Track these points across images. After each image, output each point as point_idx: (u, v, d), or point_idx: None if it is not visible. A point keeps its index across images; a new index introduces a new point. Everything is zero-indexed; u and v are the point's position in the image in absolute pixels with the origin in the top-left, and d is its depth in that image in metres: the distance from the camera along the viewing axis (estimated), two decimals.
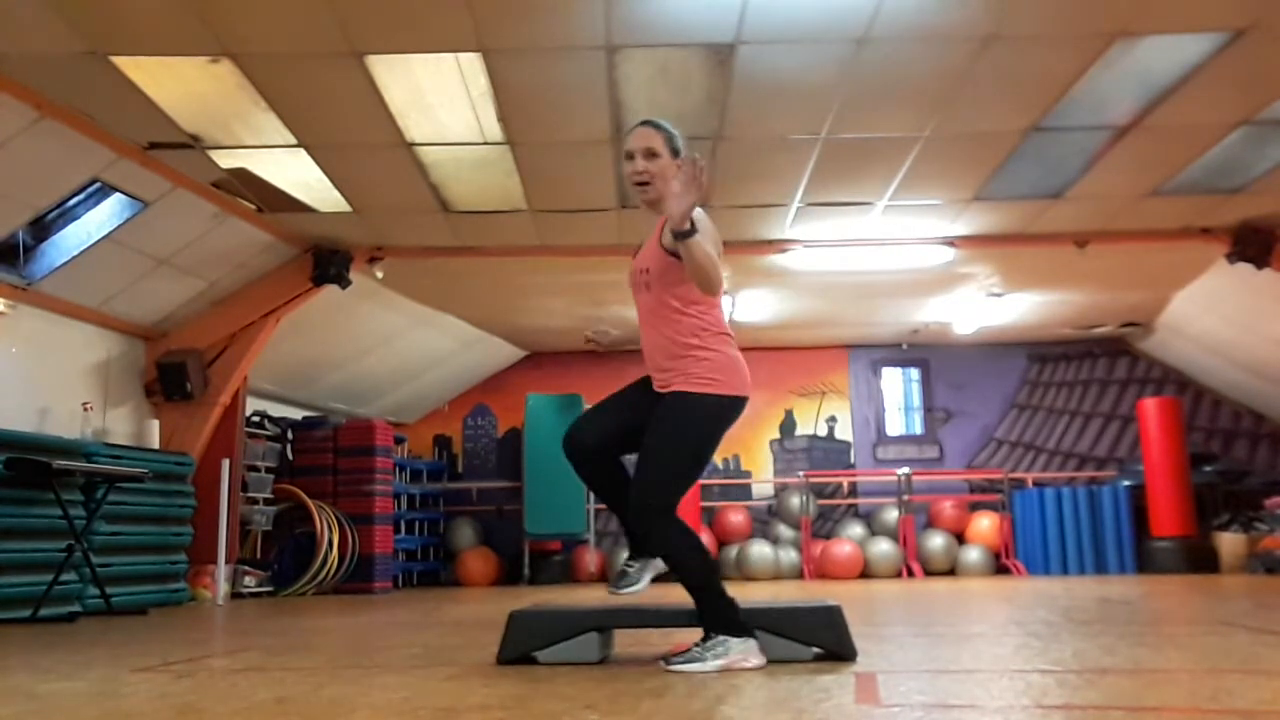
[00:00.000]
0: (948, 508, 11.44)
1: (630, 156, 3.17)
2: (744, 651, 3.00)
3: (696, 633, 3.08)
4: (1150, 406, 10.76)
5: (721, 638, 3.01)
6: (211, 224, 7.21)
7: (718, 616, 3.04)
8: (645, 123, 3.22)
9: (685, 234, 2.88)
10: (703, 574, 3.07)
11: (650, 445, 3.05)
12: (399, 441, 11.04)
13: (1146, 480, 10.66)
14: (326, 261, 8.03)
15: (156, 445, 7.75)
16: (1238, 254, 8.06)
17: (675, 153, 3.16)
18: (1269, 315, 9.13)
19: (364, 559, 9.33)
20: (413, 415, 12.16)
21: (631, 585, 3.14)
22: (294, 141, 6.25)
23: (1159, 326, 10.88)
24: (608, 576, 11.11)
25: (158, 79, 5.44)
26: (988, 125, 6.25)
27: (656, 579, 3.20)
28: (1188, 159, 6.77)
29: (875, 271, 9.01)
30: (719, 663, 2.96)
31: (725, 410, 3.08)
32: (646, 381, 3.23)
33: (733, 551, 11.19)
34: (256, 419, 9.22)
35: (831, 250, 8.48)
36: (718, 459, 11.90)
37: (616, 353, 11.62)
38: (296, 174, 6.75)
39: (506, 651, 3.17)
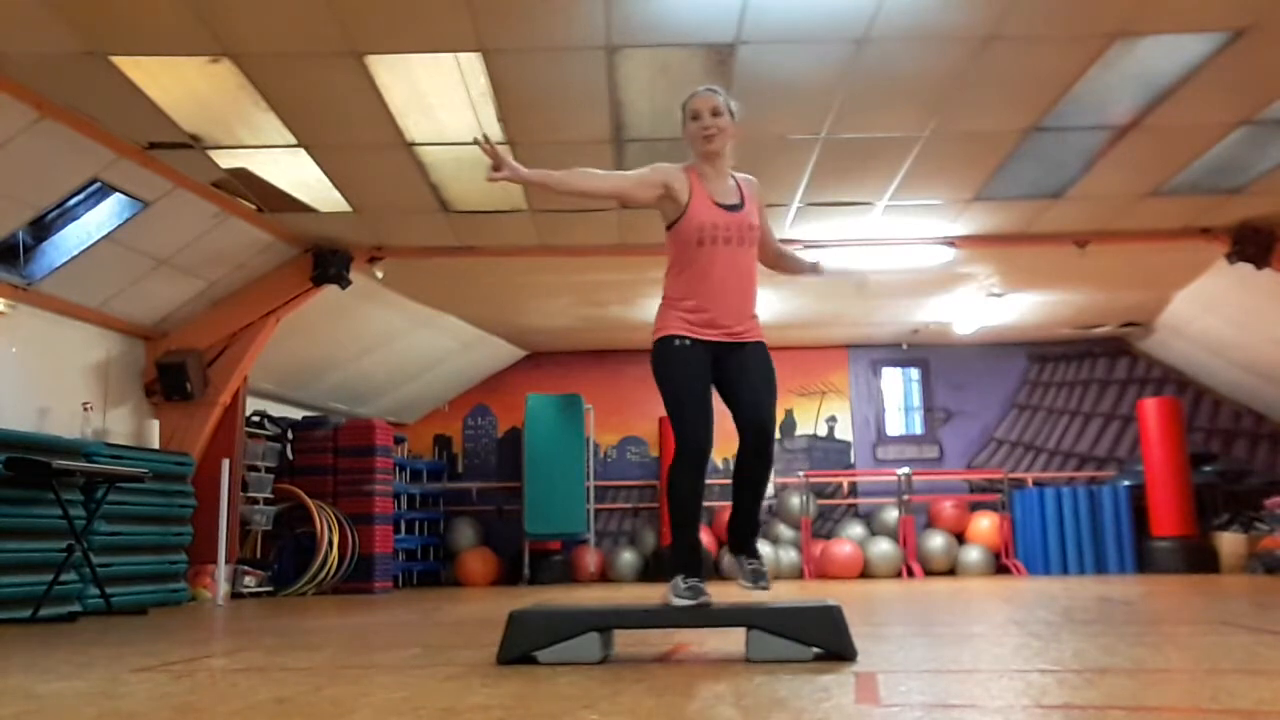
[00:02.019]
0: (948, 508, 11.44)
1: (697, 116, 3.62)
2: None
3: (698, 634, 3.08)
4: (1150, 406, 10.76)
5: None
6: (211, 224, 7.21)
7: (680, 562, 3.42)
8: (708, 88, 3.70)
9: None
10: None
11: (769, 381, 3.54)
12: (399, 441, 11.04)
13: (1146, 480, 10.66)
14: (326, 261, 8.04)
15: (156, 445, 7.75)
16: (1238, 254, 8.07)
17: (732, 115, 3.66)
18: (1269, 315, 9.13)
19: (364, 559, 9.33)
20: (413, 415, 12.16)
21: (764, 581, 3.43)
22: (294, 141, 6.25)
23: (1159, 326, 10.88)
24: (608, 576, 11.11)
25: (158, 79, 5.44)
26: (988, 125, 6.25)
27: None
28: (1188, 159, 6.77)
29: (875, 271, 9.00)
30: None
31: None
32: (700, 358, 3.48)
33: None
34: (256, 419, 9.22)
35: (831, 250, 8.47)
36: (717, 459, 11.88)
37: (616, 352, 11.62)
38: (296, 174, 6.75)
39: (506, 651, 3.17)
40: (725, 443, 3.26)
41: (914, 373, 12.32)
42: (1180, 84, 5.69)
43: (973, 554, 11.08)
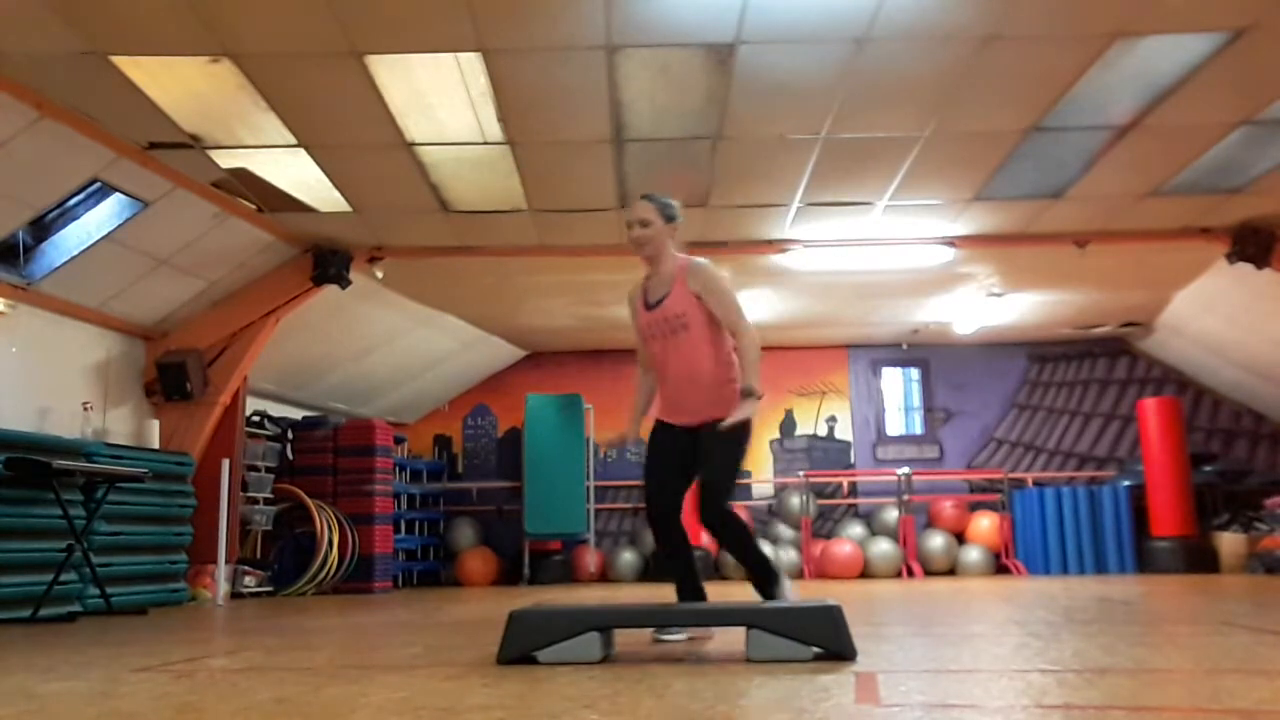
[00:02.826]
0: (948, 508, 11.44)
1: (630, 225, 4.01)
2: (788, 586, 3.93)
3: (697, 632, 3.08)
4: (1150, 406, 10.76)
5: (778, 588, 3.90)
6: (211, 224, 7.21)
7: (773, 574, 3.92)
8: (643, 196, 4.06)
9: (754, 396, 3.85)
10: (757, 550, 3.97)
11: (712, 468, 3.88)
12: (399, 441, 11.04)
13: (1146, 480, 10.66)
14: (326, 261, 8.03)
15: (156, 445, 7.75)
16: (1238, 254, 8.06)
17: (669, 219, 4.02)
18: (1269, 315, 9.13)
19: (364, 559, 9.33)
20: (413, 415, 12.16)
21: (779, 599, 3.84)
22: (294, 141, 6.25)
23: (1159, 326, 10.88)
24: (608, 576, 11.11)
25: (158, 79, 5.44)
26: (988, 125, 6.25)
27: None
28: (1188, 159, 6.77)
29: (875, 271, 9.02)
30: (788, 593, 3.90)
31: (751, 426, 3.94)
32: (668, 434, 4.00)
33: None
34: (256, 419, 9.22)
35: (831, 250, 8.48)
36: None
37: (616, 352, 11.62)
38: (296, 174, 6.75)
39: (506, 651, 3.17)
40: None
41: (914, 373, 12.32)
42: (1180, 84, 5.69)
43: (973, 554, 11.08)
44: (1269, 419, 11.46)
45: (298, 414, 10.11)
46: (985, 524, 11.26)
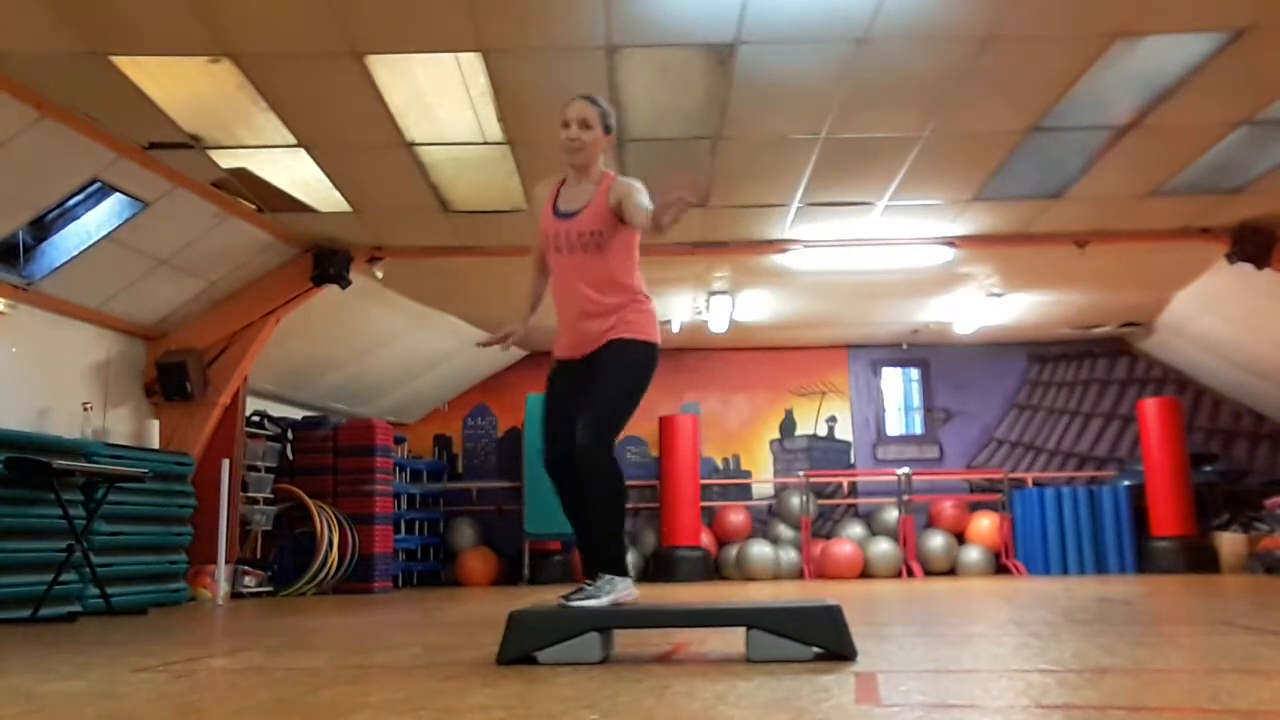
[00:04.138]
0: (948, 508, 11.44)
1: (566, 125, 3.52)
2: (627, 588, 3.38)
3: (698, 634, 3.08)
4: (1150, 406, 10.76)
5: (609, 576, 3.37)
6: (211, 224, 7.21)
7: (616, 560, 3.39)
8: (584, 96, 3.59)
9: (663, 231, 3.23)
10: (620, 520, 3.43)
11: (602, 389, 3.38)
12: (399, 441, 11.03)
13: (1146, 480, 10.67)
14: (326, 261, 8.03)
15: (156, 445, 7.74)
16: (1238, 254, 8.06)
17: (607, 129, 3.58)
18: (1269, 315, 9.13)
19: (364, 559, 9.33)
20: (413, 415, 12.16)
21: (587, 600, 3.31)
22: (294, 141, 6.25)
23: (1159, 326, 10.88)
24: None
25: (158, 79, 5.44)
26: (988, 125, 6.25)
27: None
28: (1188, 159, 6.77)
29: (875, 271, 9.01)
30: (610, 597, 3.32)
31: (656, 358, 3.50)
32: (562, 370, 3.58)
33: (733, 551, 11.19)
34: (256, 419, 9.21)
35: (831, 250, 8.48)
36: (718, 458, 11.90)
37: None
38: (296, 174, 6.75)
39: (506, 651, 3.17)
40: (725, 442, 3.34)
41: (914, 373, 12.32)
42: (1180, 84, 5.69)
43: (973, 554, 11.08)
44: (1269, 419, 11.46)
45: (298, 414, 10.11)
46: (985, 524, 11.26)
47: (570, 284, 3.53)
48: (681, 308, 10.08)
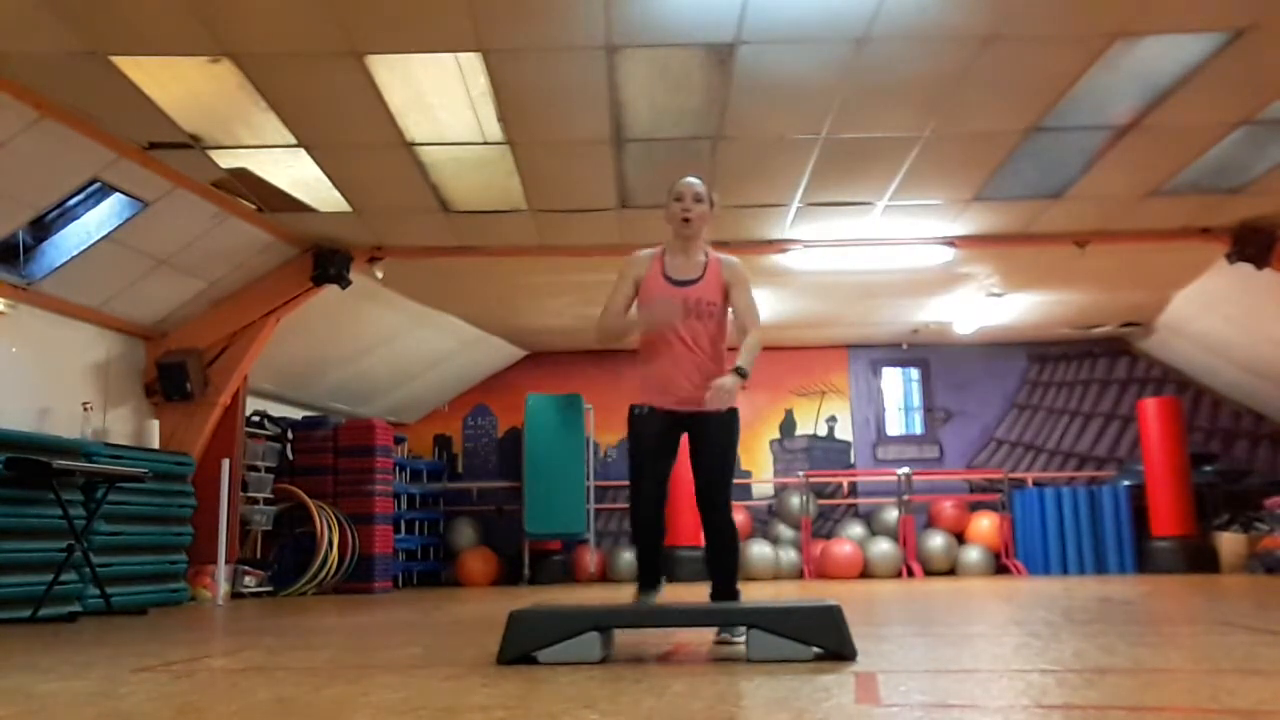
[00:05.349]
0: (948, 508, 11.44)
1: (680, 198, 3.97)
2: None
3: (698, 632, 3.08)
4: (1150, 406, 10.76)
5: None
6: (211, 224, 7.21)
7: (737, 592, 3.96)
8: (695, 177, 4.07)
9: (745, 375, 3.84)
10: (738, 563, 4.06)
11: (725, 457, 4.01)
12: (399, 441, 11.04)
13: (1146, 480, 10.67)
14: (326, 261, 8.03)
15: (156, 445, 7.74)
16: (1238, 254, 8.06)
17: (710, 205, 4.02)
18: (1269, 315, 9.13)
19: (364, 559, 9.33)
20: (413, 415, 12.16)
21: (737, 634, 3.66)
22: (294, 141, 6.25)
23: (1159, 326, 10.88)
24: (608, 576, 11.11)
25: (158, 79, 5.44)
26: (988, 125, 6.25)
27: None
28: (1188, 159, 6.77)
29: (875, 271, 9.01)
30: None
31: None
32: (660, 425, 3.92)
33: None
34: (256, 419, 9.22)
35: (831, 250, 8.48)
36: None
37: (616, 352, 11.59)
38: (296, 174, 6.75)
39: (506, 651, 3.17)
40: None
41: (914, 373, 12.32)
42: (1180, 84, 5.69)
43: (973, 554, 11.08)
44: (1269, 419, 11.46)
45: (298, 414, 10.11)
46: (985, 524, 11.26)
47: (684, 347, 3.94)
48: None
